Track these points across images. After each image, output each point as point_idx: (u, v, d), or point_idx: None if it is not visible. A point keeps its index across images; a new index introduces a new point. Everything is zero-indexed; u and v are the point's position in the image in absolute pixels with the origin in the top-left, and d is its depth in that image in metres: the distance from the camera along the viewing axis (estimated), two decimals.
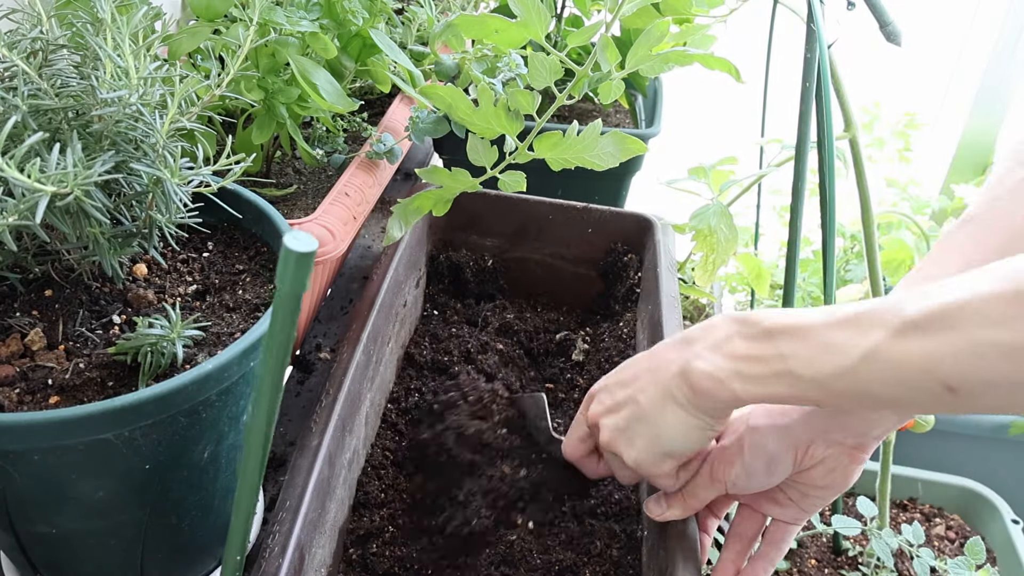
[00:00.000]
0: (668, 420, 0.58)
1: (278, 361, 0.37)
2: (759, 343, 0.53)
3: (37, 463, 0.50)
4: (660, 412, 0.59)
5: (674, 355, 0.58)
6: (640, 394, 0.60)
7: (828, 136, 0.79)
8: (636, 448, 0.61)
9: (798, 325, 0.51)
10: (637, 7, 0.69)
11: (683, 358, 0.57)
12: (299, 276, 0.33)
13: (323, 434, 0.67)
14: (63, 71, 0.55)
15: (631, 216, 1.00)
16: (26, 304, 0.59)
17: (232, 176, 0.58)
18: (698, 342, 0.57)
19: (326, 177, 0.93)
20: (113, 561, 0.61)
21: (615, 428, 0.62)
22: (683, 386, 0.56)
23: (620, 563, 0.71)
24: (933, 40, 1.95)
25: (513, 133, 0.73)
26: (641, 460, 0.61)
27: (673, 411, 0.58)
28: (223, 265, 0.67)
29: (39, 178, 0.46)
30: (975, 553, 0.93)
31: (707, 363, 0.55)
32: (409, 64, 0.91)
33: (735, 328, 0.55)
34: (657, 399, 0.59)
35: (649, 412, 0.60)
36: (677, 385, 0.57)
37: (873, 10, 0.78)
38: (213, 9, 0.76)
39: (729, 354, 0.54)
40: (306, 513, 0.61)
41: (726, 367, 0.54)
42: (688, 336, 0.58)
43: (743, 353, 0.53)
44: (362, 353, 0.76)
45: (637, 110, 1.27)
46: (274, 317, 0.35)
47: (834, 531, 1.01)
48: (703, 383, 0.55)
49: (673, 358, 0.58)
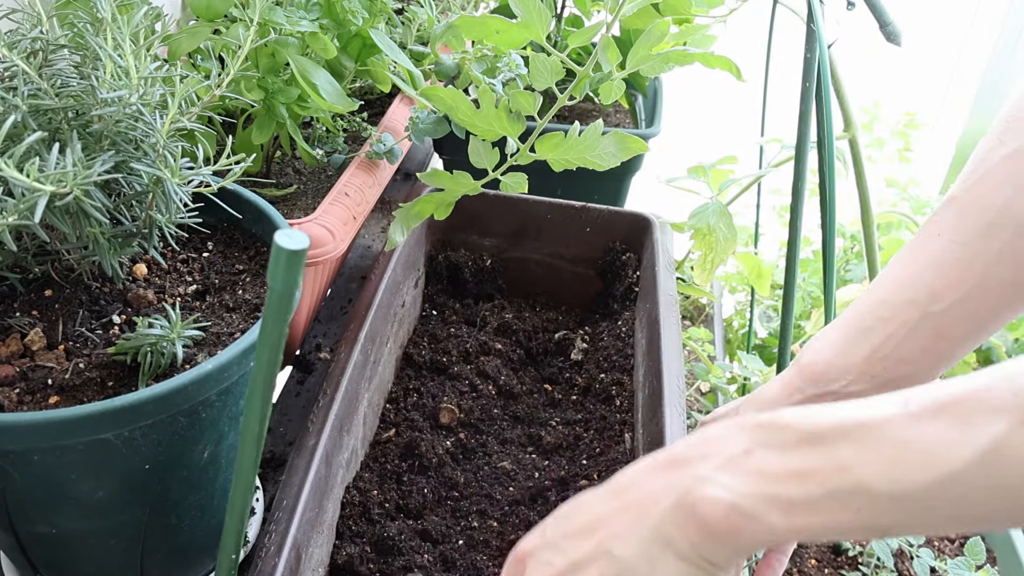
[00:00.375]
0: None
1: (271, 359, 0.37)
2: (802, 453, 0.39)
3: (37, 463, 0.50)
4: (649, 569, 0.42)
5: (660, 483, 0.42)
6: (614, 544, 0.43)
7: (828, 136, 0.79)
8: None
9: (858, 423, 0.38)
10: (637, 7, 0.69)
11: (680, 486, 0.41)
12: (291, 274, 0.33)
13: (320, 434, 0.67)
14: (63, 71, 0.55)
15: (629, 215, 1.01)
16: (26, 304, 0.59)
17: (232, 176, 0.58)
18: (698, 461, 0.41)
19: (326, 177, 0.93)
20: (113, 561, 0.61)
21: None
22: (687, 526, 0.40)
23: None
24: (933, 40, 1.95)
25: (515, 135, 0.73)
26: None
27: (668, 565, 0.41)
28: (223, 265, 0.67)
29: (38, 178, 0.46)
30: (975, 553, 0.93)
31: (724, 490, 0.39)
32: (409, 64, 0.91)
33: (756, 436, 0.40)
34: (643, 550, 0.42)
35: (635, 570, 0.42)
36: (676, 525, 0.41)
37: (873, 10, 0.78)
38: (213, 9, 0.76)
39: (756, 473, 0.39)
40: (303, 512, 0.61)
41: (755, 493, 0.39)
42: (679, 455, 0.43)
43: (779, 470, 0.39)
44: (360, 353, 0.76)
45: (637, 110, 1.27)
46: (266, 315, 0.35)
47: None
48: (724, 520, 0.39)
49: (659, 488, 0.42)
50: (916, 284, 0.55)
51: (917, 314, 0.54)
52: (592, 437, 0.86)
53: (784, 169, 0.92)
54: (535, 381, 0.94)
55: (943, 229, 0.56)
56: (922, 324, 0.54)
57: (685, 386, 0.81)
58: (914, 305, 0.54)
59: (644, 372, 0.82)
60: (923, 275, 0.55)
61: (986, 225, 0.53)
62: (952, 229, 0.55)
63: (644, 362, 0.84)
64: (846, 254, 1.60)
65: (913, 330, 0.54)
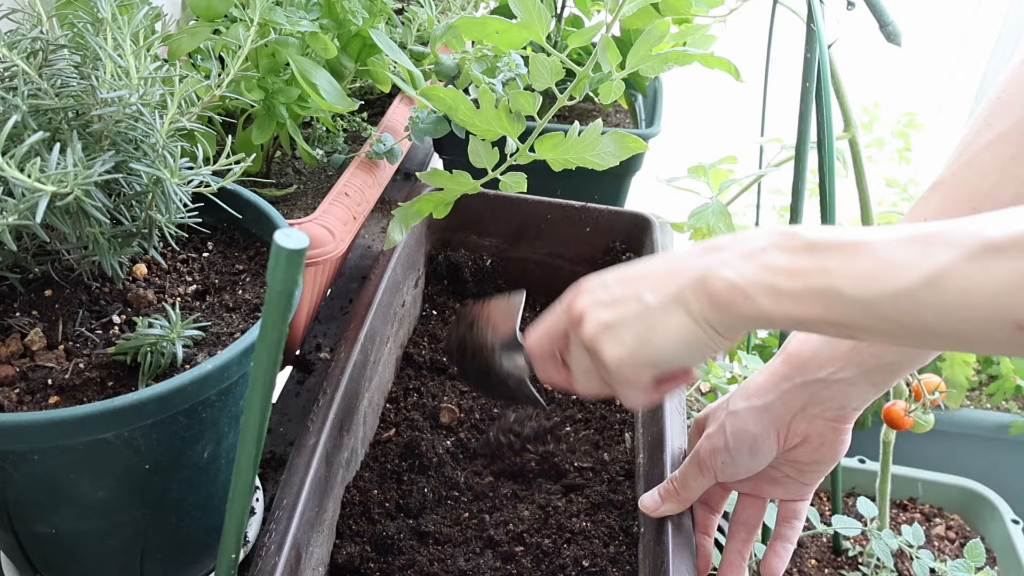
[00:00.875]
0: (670, 325, 0.52)
1: (271, 359, 0.37)
2: (801, 256, 0.46)
3: (37, 463, 0.50)
4: (663, 316, 0.52)
5: (694, 260, 0.52)
6: (647, 293, 0.53)
7: (828, 136, 0.79)
8: (623, 347, 0.54)
9: (851, 241, 0.45)
10: (637, 7, 0.69)
11: (705, 264, 0.50)
12: (290, 273, 0.33)
13: (320, 433, 0.67)
14: (63, 71, 0.55)
15: (629, 215, 1.01)
16: (26, 304, 0.59)
17: (232, 176, 0.58)
18: (726, 250, 0.50)
19: (326, 177, 0.93)
20: (113, 561, 0.61)
21: (603, 323, 0.55)
22: (700, 294, 0.50)
23: (617, 560, 0.71)
24: (933, 40, 1.95)
25: (514, 135, 0.73)
26: (623, 362, 0.54)
27: (679, 318, 0.51)
28: (223, 265, 0.67)
29: (39, 178, 0.46)
30: (975, 555, 0.93)
31: (734, 272, 0.48)
32: (409, 64, 0.91)
33: (775, 239, 0.48)
34: (665, 302, 0.52)
35: (651, 313, 0.52)
36: (693, 292, 0.50)
37: (873, 10, 0.78)
38: (213, 9, 0.76)
39: (763, 265, 0.47)
40: (303, 512, 0.61)
41: (756, 279, 0.47)
42: (715, 243, 0.52)
43: (780, 265, 0.47)
44: (359, 353, 0.76)
45: (637, 110, 1.27)
46: (266, 314, 0.35)
47: (834, 531, 1.01)
48: (726, 294, 0.48)
49: (693, 263, 0.52)
50: None
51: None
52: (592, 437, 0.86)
53: (784, 169, 0.92)
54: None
55: (929, 214, 0.58)
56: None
57: (685, 386, 0.81)
58: None
59: None
60: None
61: (972, 210, 0.54)
62: (938, 214, 0.57)
63: None
64: None
65: None
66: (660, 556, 0.64)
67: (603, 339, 0.55)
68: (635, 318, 0.54)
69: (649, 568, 0.67)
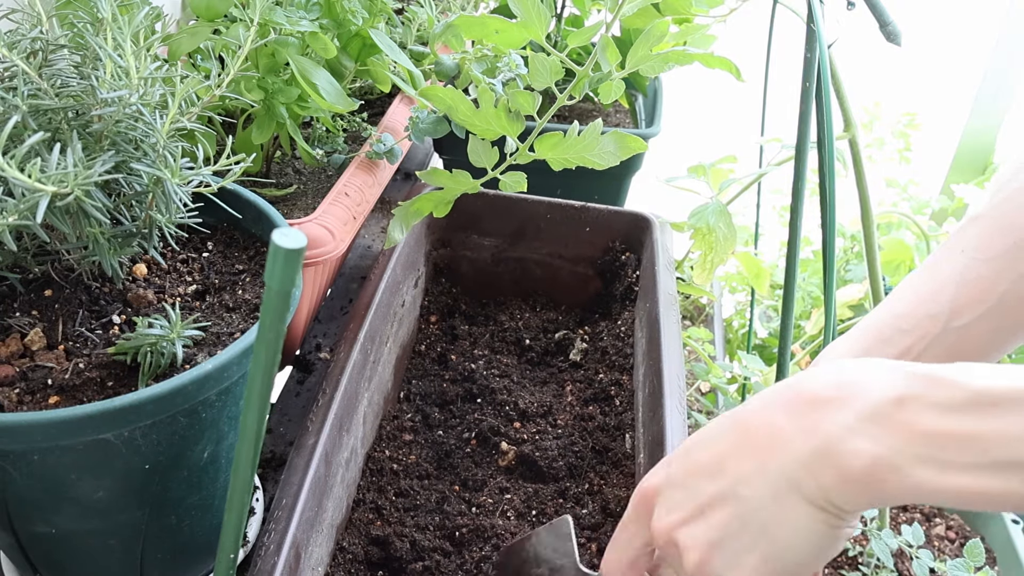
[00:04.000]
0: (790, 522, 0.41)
1: (269, 359, 0.37)
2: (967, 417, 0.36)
3: (37, 463, 0.50)
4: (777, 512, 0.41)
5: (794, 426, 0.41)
6: (740, 487, 0.42)
7: (828, 136, 0.79)
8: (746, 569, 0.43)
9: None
10: (637, 7, 0.69)
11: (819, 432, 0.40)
12: (288, 273, 0.33)
13: (319, 433, 0.67)
14: (63, 71, 0.55)
15: (629, 215, 1.01)
16: (26, 304, 0.59)
17: (232, 176, 0.58)
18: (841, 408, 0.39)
19: (326, 177, 0.93)
20: (113, 561, 0.61)
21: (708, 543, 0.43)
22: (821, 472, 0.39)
23: None
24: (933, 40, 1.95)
25: (514, 134, 0.73)
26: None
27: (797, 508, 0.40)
28: (223, 265, 0.67)
29: (39, 178, 0.46)
30: (974, 555, 0.93)
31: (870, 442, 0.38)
32: (409, 64, 0.91)
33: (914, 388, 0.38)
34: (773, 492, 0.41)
35: (760, 513, 0.42)
36: (809, 470, 0.40)
37: (873, 10, 0.78)
38: (213, 9, 0.76)
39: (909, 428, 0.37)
40: (302, 511, 0.61)
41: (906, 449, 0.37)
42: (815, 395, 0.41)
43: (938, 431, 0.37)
44: (359, 353, 0.76)
45: (637, 110, 1.27)
46: (264, 314, 0.35)
47: None
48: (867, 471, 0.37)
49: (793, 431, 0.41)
50: (938, 299, 0.54)
51: (937, 328, 0.54)
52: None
53: (784, 169, 0.92)
54: (535, 382, 0.94)
55: (966, 246, 0.55)
56: (942, 338, 0.54)
57: (685, 385, 0.81)
58: (935, 319, 0.54)
59: (644, 371, 0.82)
60: (945, 290, 0.54)
61: (1012, 244, 0.52)
62: (976, 247, 0.54)
63: (644, 361, 0.84)
64: (846, 254, 1.60)
65: (932, 344, 0.54)
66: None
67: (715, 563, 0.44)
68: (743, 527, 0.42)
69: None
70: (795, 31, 0.82)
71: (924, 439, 0.37)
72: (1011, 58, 1.80)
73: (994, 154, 1.91)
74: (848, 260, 1.58)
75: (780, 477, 0.41)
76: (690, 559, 0.44)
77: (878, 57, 1.75)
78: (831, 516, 0.40)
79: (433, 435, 0.86)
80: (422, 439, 0.85)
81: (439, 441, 0.85)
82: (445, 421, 0.88)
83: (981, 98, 1.86)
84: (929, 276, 0.57)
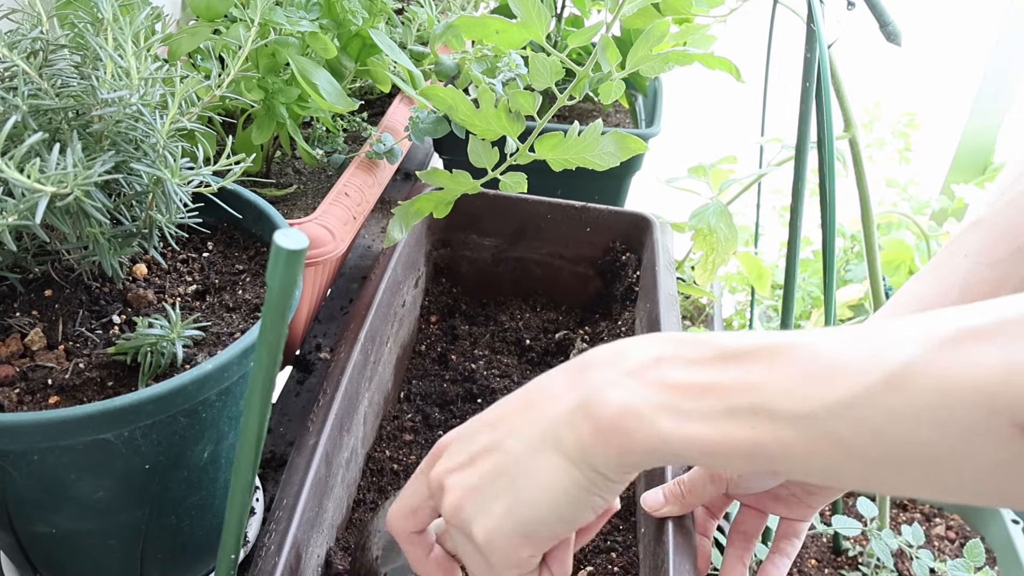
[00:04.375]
0: (541, 473, 0.41)
1: (271, 359, 0.37)
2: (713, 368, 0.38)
3: (37, 463, 0.50)
4: (531, 463, 0.41)
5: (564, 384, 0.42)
6: (509, 438, 0.43)
7: (828, 136, 0.79)
8: (491, 517, 0.43)
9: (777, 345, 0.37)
10: (637, 7, 0.69)
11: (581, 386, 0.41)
12: (290, 273, 0.33)
13: (320, 433, 0.67)
14: (63, 71, 0.55)
15: (629, 215, 1.01)
16: (26, 304, 0.59)
17: (232, 176, 0.58)
18: (606, 365, 0.41)
19: (326, 177, 0.93)
20: (113, 561, 0.61)
21: (465, 487, 0.44)
22: (578, 425, 0.40)
23: (618, 560, 0.71)
24: (933, 40, 1.95)
25: (514, 134, 0.73)
26: (493, 536, 0.43)
27: (551, 462, 0.41)
28: (223, 265, 0.67)
29: (39, 178, 0.46)
30: (974, 555, 0.93)
31: (624, 392, 0.39)
32: (409, 64, 0.91)
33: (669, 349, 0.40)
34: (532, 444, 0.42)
35: (517, 464, 0.42)
36: (568, 425, 0.40)
37: (873, 10, 0.78)
38: (213, 9, 0.76)
39: (661, 382, 0.39)
40: (303, 512, 0.61)
41: (652, 399, 0.38)
42: (589, 360, 0.42)
43: (685, 382, 0.38)
44: (359, 353, 0.76)
45: (637, 110, 1.27)
46: (265, 314, 0.35)
47: (834, 531, 1.00)
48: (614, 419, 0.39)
49: (562, 388, 0.42)
50: (942, 303, 0.54)
51: None
52: None
53: (784, 169, 0.92)
54: None
55: (969, 250, 0.55)
56: None
57: None
58: None
59: None
60: (949, 294, 0.54)
61: (1016, 249, 0.52)
62: (979, 251, 0.55)
63: None
64: (846, 254, 1.60)
65: None
66: (660, 556, 0.64)
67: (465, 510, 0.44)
68: (500, 475, 0.43)
69: (649, 568, 0.67)
70: (795, 31, 0.82)
71: (669, 390, 0.38)
72: (1011, 58, 1.80)
73: (994, 154, 1.91)
74: (848, 260, 1.58)
75: (543, 431, 0.41)
76: (448, 501, 0.45)
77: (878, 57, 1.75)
78: (583, 477, 0.40)
79: (433, 435, 0.86)
80: (422, 439, 0.85)
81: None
82: (445, 421, 0.88)
83: (981, 98, 1.86)
84: (933, 280, 0.57)
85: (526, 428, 0.42)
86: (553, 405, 0.42)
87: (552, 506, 0.41)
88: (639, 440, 0.38)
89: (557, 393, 0.42)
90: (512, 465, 0.42)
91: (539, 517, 0.42)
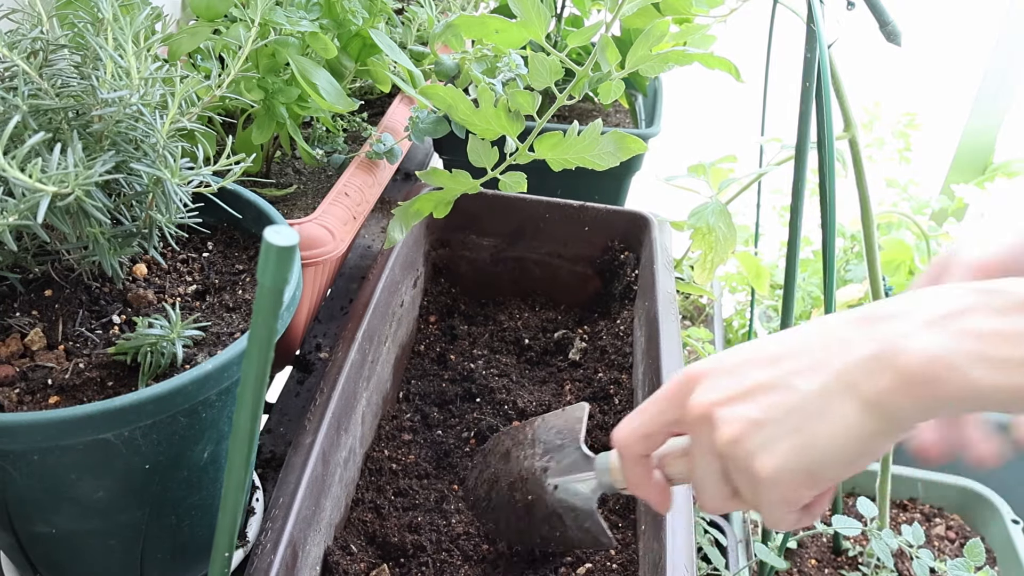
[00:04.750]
0: (835, 419, 0.41)
1: (262, 356, 0.37)
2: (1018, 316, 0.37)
3: (37, 463, 0.50)
4: (824, 407, 0.41)
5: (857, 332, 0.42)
6: (796, 376, 0.43)
7: (828, 136, 0.79)
8: (777, 454, 0.42)
9: None
10: (637, 7, 0.69)
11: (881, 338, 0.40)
12: (281, 270, 0.33)
13: (316, 432, 0.67)
14: (63, 71, 0.55)
15: (628, 214, 1.01)
16: (26, 304, 0.59)
17: (232, 176, 0.58)
18: (902, 317, 0.40)
19: (326, 177, 0.93)
20: (113, 561, 0.61)
21: (749, 420, 0.43)
22: (880, 374, 0.39)
23: (617, 557, 0.72)
24: (933, 40, 1.95)
25: (514, 134, 0.73)
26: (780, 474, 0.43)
27: (845, 407, 0.41)
28: (223, 265, 0.67)
29: (40, 178, 0.46)
30: (975, 555, 0.93)
31: (928, 342, 0.38)
32: (409, 64, 0.91)
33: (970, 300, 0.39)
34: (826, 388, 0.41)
35: (808, 404, 0.42)
36: (868, 372, 0.40)
37: (873, 10, 0.78)
38: (213, 9, 0.76)
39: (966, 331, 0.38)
40: (299, 510, 0.61)
41: (963, 348, 0.38)
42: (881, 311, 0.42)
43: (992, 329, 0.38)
44: (357, 352, 0.76)
45: (637, 110, 1.27)
46: (256, 312, 0.35)
47: (834, 531, 1.01)
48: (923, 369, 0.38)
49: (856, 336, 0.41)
50: None
51: None
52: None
53: (784, 169, 0.92)
54: (534, 381, 0.94)
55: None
56: None
57: None
58: None
59: (643, 370, 0.83)
60: None
61: None
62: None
63: (643, 360, 0.84)
64: (846, 254, 1.60)
65: None
66: (659, 553, 0.64)
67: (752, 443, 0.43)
68: (790, 413, 0.42)
69: (648, 565, 0.67)
70: (795, 31, 0.82)
71: (979, 339, 0.38)
72: (1011, 58, 1.80)
73: (994, 154, 1.91)
74: (848, 260, 1.58)
75: (837, 376, 0.41)
76: (725, 431, 0.44)
77: (878, 57, 1.75)
78: (878, 424, 0.40)
79: (432, 435, 0.86)
80: (421, 439, 0.85)
81: (438, 441, 0.85)
82: (444, 421, 0.88)
83: (981, 98, 1.86)
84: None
85: (814, 371, 0.42)
86: (844, 351, 0.41)
87: (842, 450, 0.41)
88: (949, 390, 0.38)
89: (846, 339, 0.42)
90: (803, 405, 0.42)
91: (828, 460, 0.41)
